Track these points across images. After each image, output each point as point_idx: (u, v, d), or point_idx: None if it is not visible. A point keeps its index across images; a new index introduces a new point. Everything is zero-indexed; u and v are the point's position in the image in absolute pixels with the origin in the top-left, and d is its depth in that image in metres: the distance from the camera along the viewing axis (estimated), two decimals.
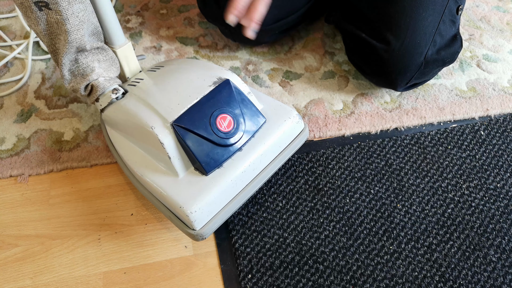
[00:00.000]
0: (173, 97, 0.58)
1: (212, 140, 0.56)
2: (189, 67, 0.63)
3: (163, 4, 0.97)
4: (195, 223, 0.54)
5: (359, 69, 0.81)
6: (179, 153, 0.56)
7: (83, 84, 0.62)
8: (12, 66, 0.85)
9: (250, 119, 0.59)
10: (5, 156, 0.71)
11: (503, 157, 0.72)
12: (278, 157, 0.62)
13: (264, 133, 0.60)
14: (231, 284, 0.59)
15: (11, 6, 0.96)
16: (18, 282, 0.60)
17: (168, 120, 0.55)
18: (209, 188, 0.55)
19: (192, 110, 0.56)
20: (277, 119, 0.61)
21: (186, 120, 0.55)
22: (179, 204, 0.54)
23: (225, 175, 0.56)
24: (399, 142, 0.74)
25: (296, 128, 0.63)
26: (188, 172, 0.57)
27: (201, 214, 0.54)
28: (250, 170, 0.58)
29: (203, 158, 0.55)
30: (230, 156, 0.57)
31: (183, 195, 0.55)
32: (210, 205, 0.55)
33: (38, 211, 0.66)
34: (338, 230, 0.64)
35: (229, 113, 0.57)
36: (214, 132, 0.55)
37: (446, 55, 0.74)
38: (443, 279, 0.60)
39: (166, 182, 0.56)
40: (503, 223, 0.65)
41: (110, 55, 0.63)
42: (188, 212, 0.53)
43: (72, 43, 0.57)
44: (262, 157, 0.59)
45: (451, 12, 0.73)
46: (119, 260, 0.62)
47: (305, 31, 0.92)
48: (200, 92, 0.58)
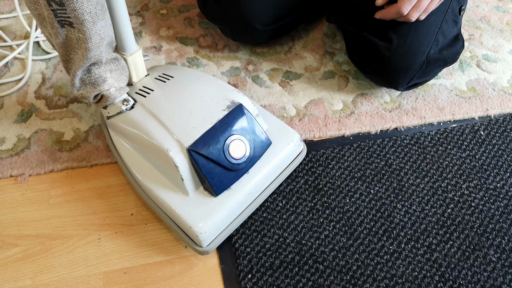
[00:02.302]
0: (188, 120, 0.59)
1: (224, 166, 0.58)
2: (201, 84, 0.64)
3: (163, 4, 0.97)
4: (203, 242, 0.57)
5: (360, 68, 0.81)
6: (191, 175, 0.58)
7: (93, 94, 0.61)
8: (12, 66, 0.85)
9: (259, 144, 0.61)
10: (5, 156, 0.72)
11: (503, 157, 0.72)
12: (279, 177, 0.65)
13: (269, 156, 0.62)
14: (231, 284, 0.59)
15: (11, 6, 0.96)
16: (18, 282, 0.60)
17: (184, 144, 0.57)
18: (217, 210, 0.58)
19: (207, 135, 0.58)
20: (281, 141, 0.64)
21: (201, 145, 0.57)
22: (190, 225, 0.56)
23: (233, 197, 0.59)
24: (399, 142, 0.74)
25: (297, 150, 0.66)
26: (198, 191, 0.59)
27: (209, 234, 0.57)
28: (255, 192, 0.61)
29: (215, 182, 0.58)
30: (237, 179, 0.60)
31: (193, 215, 0.57)
32: (218, 225, 0.58)
33: (38, 211, 0.66)
34: (338, 230, 0.64)
35: (241, 140, 0.59)
36: (226, 158, 0.58)
37: (448, 54, 0.74)
38: (443, 279, 0.60)
39: (177, 200, 0.59)
40: (503, 223, 0.65)
41: (121, 64, 0.62)
42: (198, 233, 0.56)
43: (91, 59, 0.56)
44: (265, 179, 0.62)
45: (454, 12, 0.73)
46: (119, 260, 0.62)
47: (305, 31, 0.92)
48: (214, 117, 0.59)
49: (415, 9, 0.65)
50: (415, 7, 0.65)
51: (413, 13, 0.65)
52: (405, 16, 0.65)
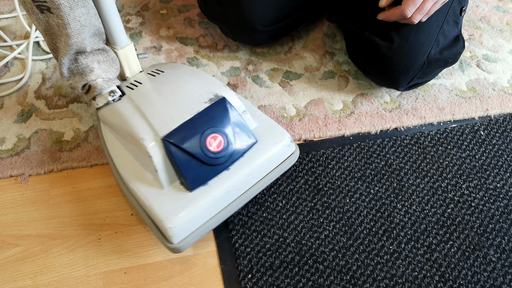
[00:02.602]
0: (167, 110, 0.58)
1: (200, 159, 0.56)
2: (189, 78, 0.63)
3: (163, 4, 0.97)
4: (173, 237, 0.55)
5: (361, 68, 0.81)
6: (166, 167, 0.56)
7: (81, 83, 0.62)
8: (12, 66, 0.85)
9: (240, 140, 0.59)
10: (6, 156, 0.72)
11: (503, 157, 0.72)
12: (265, 178, 0.61)
13: (253, 154, 0.60)
14: (231, 284, 0.59)
15: (11, 6, 0.96)
16: (18, 282, 0.60)
17: (159, 134, 0.55)
18: (191, 206, 0.55)
19: (184, 126, 0.56)
20: (268, 140, 0.61)
21: (176, 136, 0.55)
22: (160, 218, 0.55)
23: (209, 194, 0.56)
24: (399, 142, 0.74)
25: (287, 151, 0.63)
26: (173, 185, 0.57)
27: (179, 230, 0.55)
28: (235, 190, 0.58)
29: (189, 175, 0.55)
30: (216, 175, 0.57)
31: (164, 209, 0.55)
32: (190, 221, 0.55)
33: (38, 211, 0.66)
34: (338, 230, 0.64)
35: (221, 133, 0.57)
36: (203, 151, 0.55)
37: (448, 55, 0.74)
38: (443, 279, 0.60)
39: (151, 193, 0.57)
40: (503, 223, 0.65)
41: (111, 56, 0.63)
42: (167, 226, 0.54)
43: (72, 46, 0.57)
44: (248, 178, 0.59)
45: (455, 13, 0.74)
46: (119, 260, 0.62)
47: (305, 31, 0.92)
48: (195, 108, 0.58)
49: (419, 12, 0.65)
50: (419, 10, 0.65)
51: (416, 16, 0.65)
52: (409, 18, 0.65)
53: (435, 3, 0.65)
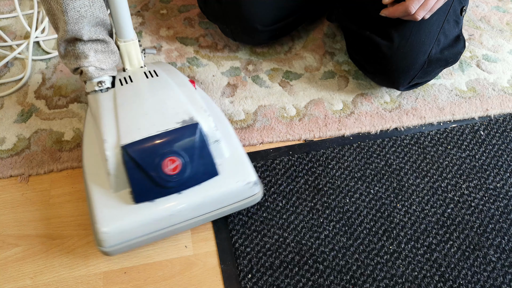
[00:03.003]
0: (138, 120, 0.58)
1: (152, 177, 0.55)
2: (175, 91, 0.62)
3: (163, 4, 0.97)
4: (103, 242, 0.55)
5: (361, 67, 0.81)
6: (119, 173, 0.56)
7: (74, 66, 0.63)
8: (12, 66, 0.85)
9: (200, 169, 0.57)
10: (6, 156, 0.72)
11: (502, 157, 0.72)
12: (216, 211, 0.60)
13: (211, 186, 0.58)
14: (231, 284, 0.59)
15: (11, 6, 0.96)
16: (19, 282, 0.60)
17: (121, 141, 0.55)
18: (129, 217, 0.55)
19: (147, 140, 0.56)
20: (231, 176, 0.59)
21: (135, 148, 0.55)
22: (96, 219, 0.55)
23: (152, 211, 0.56)
24: (399, 142, 0.74)
25: (247, 192, 0.60)
26: (123, 192, 0.57)
27: (111, 237, 0.55)
28: (180, 215, 0.57)
29: (137, 189, 0.56)
30: (165, 195, 0.57)
31: (104, 212, 0.55)
32: (124, 232, 0.55)
33: (38, 211, 0.66)
34: (338, 230, 0.64)
35: (180, 158, 0.56)
36: (157, 170, 0.55)
37: (449, 55, 0.74)
38: (443, 279, 0.60)
39: (99, 192, 0.57)
40: (503, 223, 0.65)
41: (110, 48, 0.64)
42: (100, 230, 0.54)
43: (69, 32, 0.59)
44: (197, 207, 0.58)
45: (456, 13, 0.74)
46: (119, 259, 0.62)
47: (305, 31, 0.92)
48: (165, 125, 0.57)
49: (422, 8, 0.65)
50: (422, 6, 0.64)
51: (420, 12, 0.65)
52: (412, 15, 0.65)
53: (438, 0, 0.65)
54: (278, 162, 0.71)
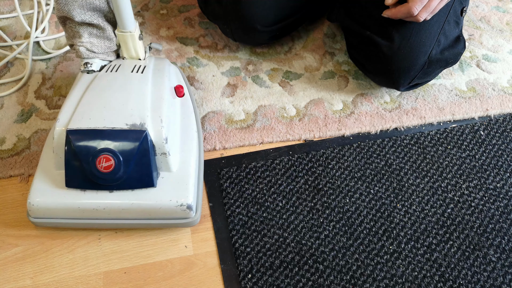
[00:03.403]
0: (94, 110, 0.59)
1: (84, 169, 0.57)
2: (148, 91, 0.62)
3: (163, 4, 0.97)
4: (29, 211, 0.59)
5: (361, 67, 0.81)
6: (60, 154, 0.58)
7: (69, 42, 0.66)
8: (13, 66, 0.85)
9: (135, 175, 0.58)
10: (6, 156, 0.72)
11: (502, 157, 0.72)
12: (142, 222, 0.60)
13: (142, 195, 0.58)
14: (231, 284, 0.59)
15: (11, 6, 0.96)
16: (19, 282, 0.60)
17: (69, 125, 0.57)
18: (56, 197, 0.58)
19: (90, 132, 0.57)
20: (166, 193, 0.59)
21: (77, 136, 0.57)
22: (30, 189, 0.59)
23: (78, 199, 0.58)
24: (399, 142, 0.74)
25: (178, 213, 0.59)
26: (62, 172, 0.59)
27: (36, 210, 0.58)
28: (104, 212, 0.59)
29: (69, 174, 0.58)
30: (96, 189, 0.58)
31: (39, 184, 0.59)
32: (49, 210, 0.59)
33: None
34: (338, 230, 0.64)
35: (115, 159, 0.56)
36: (90, 164, 0.56)
37: (449, 55, 0.74)
38: (443, 279, 0.60)
39: (44, 165, 0.61)
40: (503, 223, 0.65)
41: (106, 34, 0.65)
42: (29, 199, 0.58)
43: (59, 12, 0.62)
44: (123, 211, 0.59)
45: (456, 13, 0.74)
46: (119, 260, 0.62)
47: (305, 31, 0.92)
48: (113, 123, 0.58)
49: (425, 10, 0.65)
50: (425, 8, 0.64)
51: (422, 14, 0.65)
52: (415, 16, 0.65)
53: (441, 1, 0.65)
54: (278, 162, 0.71)
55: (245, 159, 0.72)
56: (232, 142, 0.74)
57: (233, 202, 0.67)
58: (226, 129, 0.75)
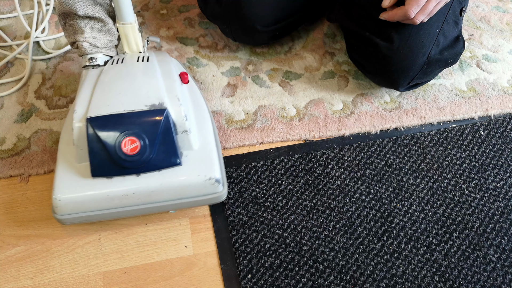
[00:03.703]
0: (111, 97, 0.59)
1: (110, 154, 0.56)
2: (158, 75, 0.63)
3: (163, 4, 0.97)
4: (56, 208, 0.57)
5: (361, 68, 0.81)
6: (82, 145, 0.57)
7: (71, 40, 0.66)
8: (13, 66, 0.85)
9: (161, 155, 0.57)
10: (6, 156, 0.72)
11: (502, 157, 0.73)
12: (172, 202, 0.59)
13: (170, 175, 0.58)
14: (231, 284, 0.59)
15: (11, 6, 0.96)
16: (19, 282, 0.60)
17: (88, 113, 0.57)
18: (84, 189, 0.57)
19: (111, 117, 0.56)
20: (193, 170, 0.58)
21: (99, 122, 0.56)
22: (53, 187, 0.57)
23: (107, 187, 0.57)
24: (399, 142, 0.74)
25: (208, 188, 0.59)
26: (84, 165, 0.58)
27: (64, 205, 0.56)
28: (134, 197, 0.57)
29: (94, 162, 0.56)
30: (123, 174, 0.57)
31: (62, 181, 0.57)
32: (77, 203, 0.57)
33: (38, 211, 0.66)
34: (338, 230, 0.64)
35: (140, 140, 0.56)
36: (115, 148, 0.56)
37: (448, 55, 0.74)
38: (443, 279, 0.60)
39: (64, 161, 0.59)
40: (503, 223, 0.65)
41: (107, 28, 0.66)
42: (54, 196, 0.56)
43: (63, 5, 0.62)
44: (152, 193, 0.58)
45: (455, 13, 0.74)
46: (119, 260, 0.62)
47: (305, 31, 0.92)
48: (132, 106, 0.58)
49: (421, 12, 0.65)
50: (422, 10, 0.65)
51: (419, 16, 0.65)
52: (411, 19, 0.65)
53: (438, 3, 0.65)
54: (278, 162, 0.71)
55: (245, 159, 0.72)
56: (232, 142, 0.74)
57: (233, 202, 0.67)
58: (226, 129, 0.75)
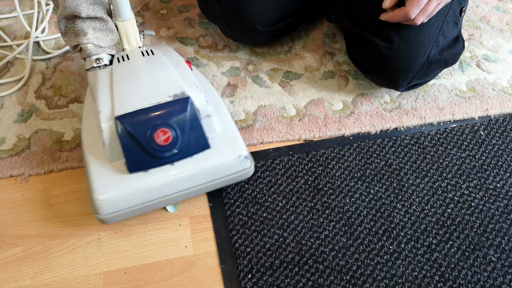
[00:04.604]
0: (132, 93, 0.60)
1: (144, 148, 0.57)
2: (168, 68, 0.64)
3: (163, 4, 0.97)
4: (99, 209, 0.57)
5: (360, 68, 0.81)
6: (114, 144, 0.58)
7: (73, 43, 0.66)
8: (12, 66, 0.85)
9: (192, 141, 0.59)
10: (6, 156, 0.72)
11: (502, 157, 0.73)
12: (207, 184, 0.62)
13: (202, 159, 0.60)
14: (231, 284, 0.59)
15: (11, 6, 0.96)
16: (19, 282, 0.60)
17: (115, 112, 0.58)
18: (124, 186, 0.58)
19: (139, 112, 0.58)
20: (222, 150, 0.61)
21: (129, 119, 0.57)
22: (93, 188, 0.58)
23: (145, 181, 0.58)
24: (399, 142, 0.74)
25: (238, 165, 0.62)
26: (117, 163, 0.59)
27: (107, 204, 0.57)
28: (172, 186, 0.59)
29: (131, 159, 0.58)
30: (158, 166, 0.59)
31: (100, 181, 0.58)
32: (119, 200, 0.58)
33: (38, 211, 0.66)
34: (338, 230, 0.64)
35: (171, 129, 0.58)
36: (149, 141, 0.57)
37: (448, 55, 0.74)
38: (443, 279, 0.60)
39: (95, 162, 0.60)
40: (503, 223, 0.65)
41: (108, 26, 0.66)
42: (96, 198, 0.57)
43: (67, 9, 0.61)
44: (189, 178, 0.60)
45: (455, 14, 0.74)
46: (119, 260, 0.62)
47: (305, 31, 0.92)
48: (157, 98, 0.59)
49: (422, 13, 0.65)
50: (422, 11, 0.65)
51: (419, 17, 0.65)
52: (412, 20, 0.65)
53: (438, 4, 0.65)
54: (278, 162, 0.71)
55: None
56: None
57: (233, 202, 0.67)
58: None
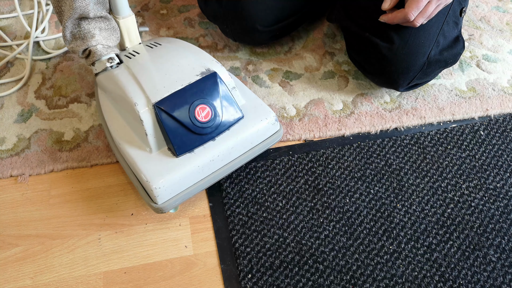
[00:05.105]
0: (161, 79, 0.61)
1: (188, 127, 0.59)
2: (183, 51, 0.66)
3: (163, 4, 0.97)
4: (157, 197, 0.58)
5: (360, 68, 0.81)
6: (156, 132, 0.59)
7: (82, 48, 0.65)
8: (13, 66, 0.85)
9: (228, 113, 0.62)
10: (6, 156, 0.72)
11: (502, 157, 0.73)
12: (248, 152, 0.64)
13: (239, 128, 0.63)
14: (231, 284, 0.59)
15: (11, 6, 0.96)
16: (19, 282, 0.60)
17: (151, 100, 0.59)
18: (175, 169, 0.59)
19: (175, 95, 0.59)
20: (254, 117, 0.64)
21: (167, 103, 0.58)
22: (147, 179, 0.58)
23: (194, 161, 0.59)
24: (399, 142, 0.74)
25: (271, 129, 0.65)
26: (161, 151, 0.60)
27: (164, 191, 0.58)
28: (219, 160, 0.61)
29: (176, 142, 0.59)
30: (202, 144, 0.60)
31: (151, 170, 0.59)
32: (174, 184, 0.59)
33: (38, 211, 0.66)
34: (338, 230, 0.64)
35: (209, 105, 0.60)
36: (191, 120, 0.59)
37: (448, 56, 0.74)
38: (443, 279, 0.60)
39: (140, 155, 0.60)
40: (503, 223, 0.65)
41: (112, 25, 0.66)
42: (153, 187, 0.57)
43: (76, 10, 0.60)
44: (232, 150, 0.62)
45: (455, 14, 0.74)
46: (119, 260, 0.62)
47: (305, 31, 0.92)
48: (186, 80, 0.61)
49: (421, 15, 0.65)
50: (421, 13, 0.65)
51: (418, 19, 0.65)
52: (411, 21, 0.65)
53: (438, 5, 0.65)
54: (278, 162, 0.71)
55: None
56: None
57: (233, 202, 0.67)
58: None
